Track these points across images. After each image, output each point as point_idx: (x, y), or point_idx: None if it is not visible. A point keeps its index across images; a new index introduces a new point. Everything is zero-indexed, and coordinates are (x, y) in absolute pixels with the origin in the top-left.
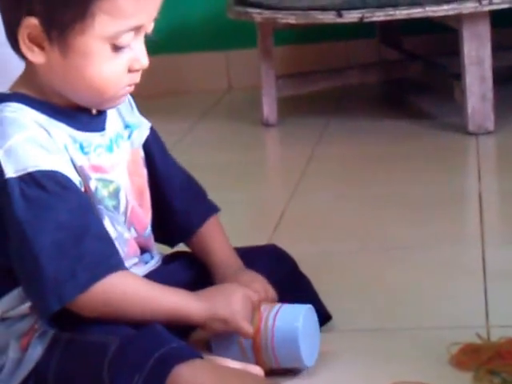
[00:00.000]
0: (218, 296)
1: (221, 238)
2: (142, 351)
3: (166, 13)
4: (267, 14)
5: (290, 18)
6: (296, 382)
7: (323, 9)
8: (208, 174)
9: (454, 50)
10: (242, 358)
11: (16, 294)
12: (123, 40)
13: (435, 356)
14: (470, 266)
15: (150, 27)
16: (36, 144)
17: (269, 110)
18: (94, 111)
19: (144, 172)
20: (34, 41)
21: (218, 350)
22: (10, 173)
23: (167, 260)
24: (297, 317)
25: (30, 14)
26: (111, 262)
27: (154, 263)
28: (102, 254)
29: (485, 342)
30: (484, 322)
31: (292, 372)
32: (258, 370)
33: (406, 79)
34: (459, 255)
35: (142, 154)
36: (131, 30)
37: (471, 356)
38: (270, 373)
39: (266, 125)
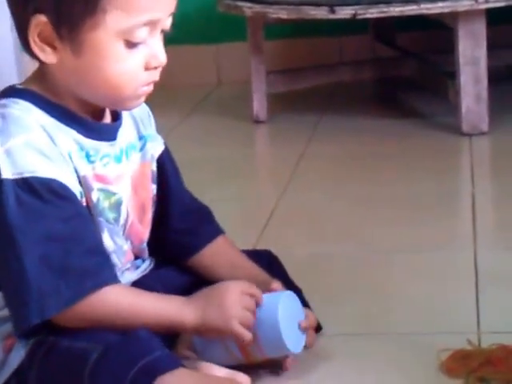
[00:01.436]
0: (208, 303)
1: (235, 252)
2: (123, 361)
3: None
4: (258, 8)
5: (281, 13)
6: None
7: (316, 4)
8: (196, 170)
9: (448, 48)
10: (226, 353)
11: (1, 295)
12: (137, 36)
13: (425, 362)
14: (461, 270)
15: (166, 22)
16: (36, 150)
17: (259, 106)
18: (109, 120)
19: (151, 187)
20: (44, 40)
21: (201, 346)
22: (7, 174)
23: (159, 264)
24: (276, 304)
25: (39, 11)
26: (100, 277)
27: (145, 267)
28: (90, 270)
29: (475, 348)
30: (475, 328)
31: (279, 377)
32: (244, 379)
33: (399, 77)
34: (451, 258)
35: (154, 168)
36: (145, 25)
37: (461, 362)
38: (258, 377)
39: (256, 121)
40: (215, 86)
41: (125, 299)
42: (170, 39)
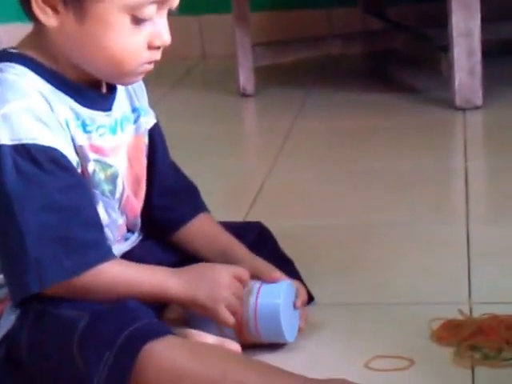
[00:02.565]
0: (201, 279)
1: (217, 229)
2: (112, 328)
3: None
4: None
5: None
6: (275, 356)
7: None
8: (182, 146)
9: (441, 21)
10: (219, 333)
11: None
12: (145, 12)
13: (416, 331)
14: (454, 243)
15: (175, 2)
16: (35, 116)
17: (245, 79)
18: (104, 90)
19: (145, 160)
20: (47, 2)
21: (195, 322)
22: (5, 139)
23: (147, 236)
24: (278, 293)
25: None
26: (100, 251)
27: (134, 239)
28: (91, 243)
29: (467, 317)
30: (467, 299)
31: (272, 346)
32: (235, 346)
33: (390, 51)
34: (443, 232)
35: (146, 141)
36: (154, 2)
37: (452, 331)
38: (250, 346)
39: (243, 95)
40: (199, 59)
41: (121, 274)
42: None
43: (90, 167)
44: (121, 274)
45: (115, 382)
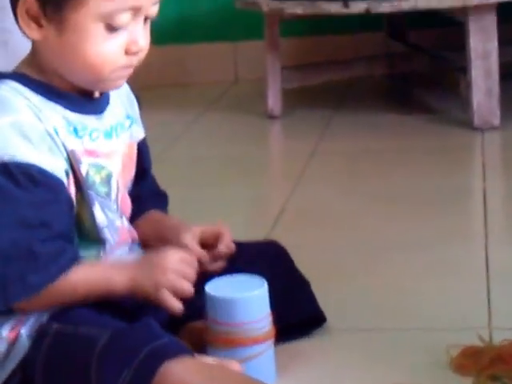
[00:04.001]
0: (144, 266)
1: (160, 216)
2: (131, 345)
3: (174, 2)
4: (274, 4)
5: (297, 8)
6: (283, 381)
7: None
8: (210, 166)
9: (460, 44)
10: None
11: None
12: (119, 20)
13: (434, 358)
14: (472, 266)
15: (151, 10)
16: (20, 132)
17: (273, 101)
18: (97, 94)
19: (134, 169)
20: (32, 17)
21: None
22: None
23: None
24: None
25: None
26: (62, 261)
27: (139, 252)
28: (53, 256)
29: (486, 344)
30: (486, 324)
31: (285, 370)
32: (236, 366)
33: (412, 73)
34: (462, 254)
35: (135, 150)
36: (128, 10)
37: (472, 359)
38: None
39: (271, 117)
40: (232, 84)
41: (81, 277)
42: (189, 37)
43: (83, 169)
44: (80, 277)
45: None
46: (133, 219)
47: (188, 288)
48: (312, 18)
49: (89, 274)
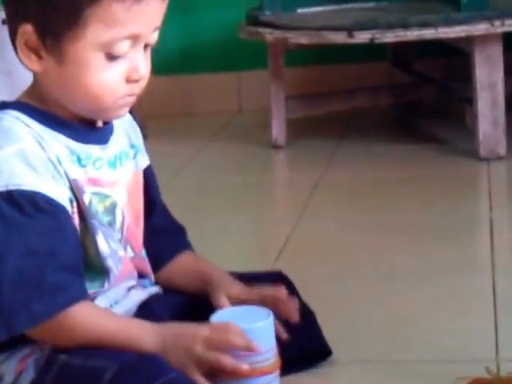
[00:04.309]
0: (175, 345)
1: (198, 262)
2: (139, 380)
3: (177, 32)
4: (278, 33)
5: (302, 38)
6: None
7: (334, 29)
8: (214, 196)
9: (466, 74)
10: None
11: None
12: (118, 49)
13: None
14: (479, 296)
15: (151, 37)
16: (24, 161)
17: (278, 131)
18: (100, 124)
19: (142, 197)
20: (31, 49)
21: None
22: None
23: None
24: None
25: (26, 20)
26: (70, 293)
27: (153, 290)
28: (61, 286)
29: (494, 376)
30: (493, 356)
31: None
32: None
33: (417, 103)
34: (469, 284)
35: (142, 179)
36: (127, 38)
37: None
38: None
39: (275, 146)
40: (236, 113)
41: (92, 319)
42: (192, 67)
43: (86, 199)
44: (91, 318)
45: None
46: (161, 259)
47: (216, 359)
48: (317, 47)
49: (112, 324)
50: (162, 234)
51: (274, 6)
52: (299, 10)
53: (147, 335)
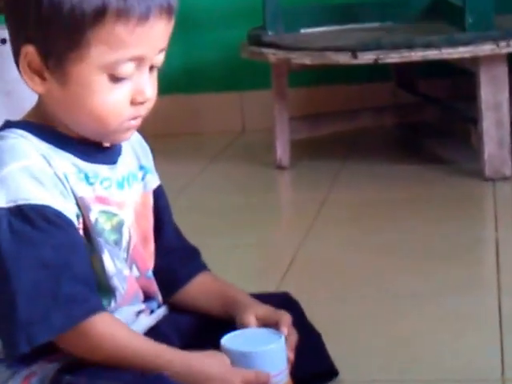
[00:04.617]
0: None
1: (219, 284)
2: None
3: (180, 52)
4: (282, 54)
5: (306, 59)
6: None
7: (338, 49)
8: (218, 216)
9: (470, 94)
10: None
11: None
12: (122, 71)
13: None
14: (485, 316)
15: (156, 59)
16: (31, 176)
17: (282, 151)
18: (107, 144)
19: (151, 218)
20: (34, 70)
21: None
22: (1, 203)
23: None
24: None
25: (28, 41)
26: (88, 305)
27: (160, 312)
28: (77, 297)
29: None
30: (499, 376)
31: None
32: None
33: (421, 123)
34: (475, 305)
35: (151, 200)
36: (130, 60)
37: None
38: None
39: (279, 167)
40: (239, 133)
41: (121, 329)
42: (195, 87)
43: (92, 216)
44: (115, 328)
45: None
46: (178, 280)
47: None
48: (320, 67)
49: (138, 344)
50: (177, 255)
51: (277, 26)
52: (302, 31)
53: (174, 366)
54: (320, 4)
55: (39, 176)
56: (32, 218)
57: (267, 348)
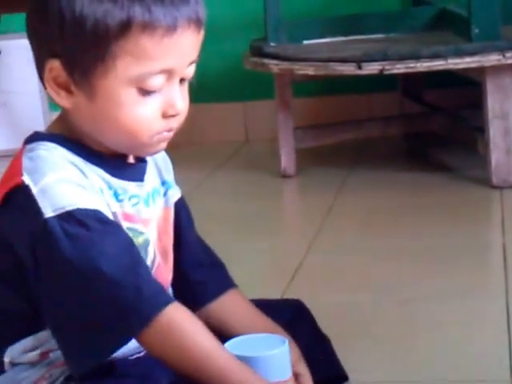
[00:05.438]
0: None
1: (245, 308)
2: None
3: None
4: (285, 65)
5: (309, 70)
6: None
7: (343, 60)
8: (224, 225)
9: (476, 103)
10: None
11: (30, 340)
12: (151, 84)
13: None
14: (493, 320)
15: (186, 71)
16: (72, 183)
17: (287, 160)
18: (132, 159)
19: (172, 232)
20: (60, 85)
21: None
22: (49, 212)
23: None
24: None
25: (53, 56)
26: (166, 294)
27: None
28: (157, 286)
29: None
30: (508, 378)
31: None
32: None
33: (428, 132)
34: (483, 309)
35: (172, 214)
36: (159, 73)
37: None
38: None
39: (284, 176)
40: (243, 143)
41: (196, 322)
42: (199, 98)
43: None
44: (193, 321)
45: None
46: (205, 294)
47: None
48: (325, 78)
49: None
50: (202, 269)
51: (280, 37)
52: (305, 42)
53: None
54: (322, 17)
55: (81, 183)
56: (85, 221)
57: (271, 353)
